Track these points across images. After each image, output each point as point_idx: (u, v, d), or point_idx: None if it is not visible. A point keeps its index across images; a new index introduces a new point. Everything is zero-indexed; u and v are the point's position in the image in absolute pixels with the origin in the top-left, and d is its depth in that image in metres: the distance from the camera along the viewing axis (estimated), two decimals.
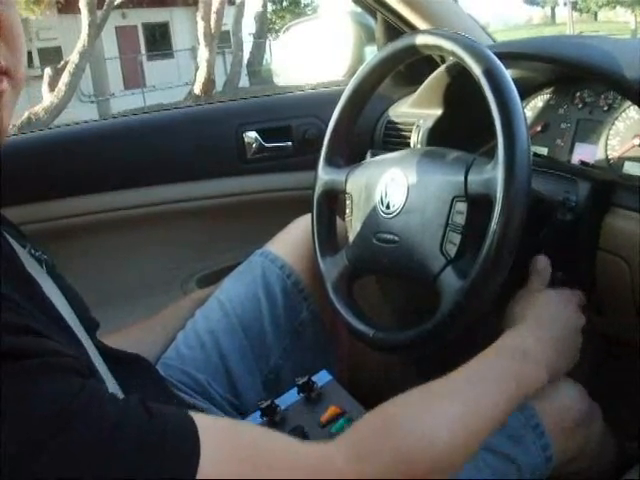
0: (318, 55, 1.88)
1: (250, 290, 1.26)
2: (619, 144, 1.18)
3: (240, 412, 1.16)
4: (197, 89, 13.48)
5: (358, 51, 1.78)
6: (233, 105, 1.82)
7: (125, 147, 1.62)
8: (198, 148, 1.64)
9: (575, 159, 1.25)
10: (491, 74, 0.99)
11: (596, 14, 36.56)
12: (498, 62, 1.00)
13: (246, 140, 1.64)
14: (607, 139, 1.20)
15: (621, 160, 1.17)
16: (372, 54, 1.26)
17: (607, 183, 1.10)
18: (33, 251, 0.89)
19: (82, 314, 0.90)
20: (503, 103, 0.96)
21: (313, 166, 1.27)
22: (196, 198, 1.63)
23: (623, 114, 1.18)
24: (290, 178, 1.66)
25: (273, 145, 1.66)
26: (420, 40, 1.12)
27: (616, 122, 1.19)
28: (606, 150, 1.20)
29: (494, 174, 0.95)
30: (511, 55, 1.25)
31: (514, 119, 0.95)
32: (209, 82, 13.32)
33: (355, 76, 1.24)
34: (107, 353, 0.88)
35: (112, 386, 0.81)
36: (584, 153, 1.24)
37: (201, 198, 1.63)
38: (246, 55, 20.09)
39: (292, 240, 1.32)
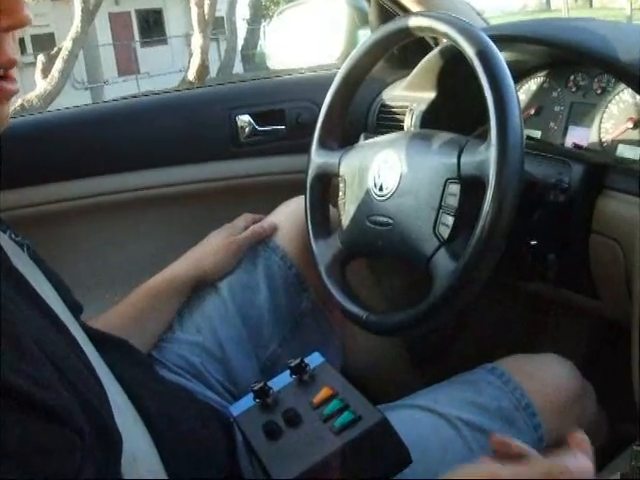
0: (311, 39, 1.88)
1: (252, 279, 1.26)
2: (613, 127, 1.18)
3: (235, 397, 1.16)
4: (191, 75, 13.41)
5: (351, 34, 1.77)
6: (226, 88, 1.81)
7: (118, 131, 1.62)
8: (191, 132, 1.63)
9: (568, 142, 1.25)
10: (484, 56, 0.98)
11: (591, 0, 36.47)
12: (491, 44, 1.00)
13: (239, 124, 1.64)
14: (600, 122, 1.20)
15: (614, 143, 1.17)
16: (365, 37, 1.26)
17: (600, 166, 1.10)
18: (14, 236, 0.89)
19: (65, 297, 0.89)
20: (496, 84, 0.96)
21: (306, 149, 1.27)
22: (189, 182, 1.63)
23: (617, 97, 1.18)
24: (283, 161, 1.66)
25: (266, 129, 1.66)
26: (413, 22, 1.11)
27: (610, 105, 1.19)
28: (599, 133, 1.20)
29: (487, 156, 0.95)
30: (505, 38, 1.24)
31: (507, 100, 0.95)
32: (203, 68, 13.25)
33: (348, 59, 1.23)
34: (93, 336, 0.87)
35: (100, 368, 0.80)
36: (577, 136, 1.24)
37: (194, 182, 1.63)
38: (240, 41, 20.02)
39: (290, 227, 1.32)
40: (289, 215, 1.34)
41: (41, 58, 12.90)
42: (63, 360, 0.67)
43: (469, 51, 1.00)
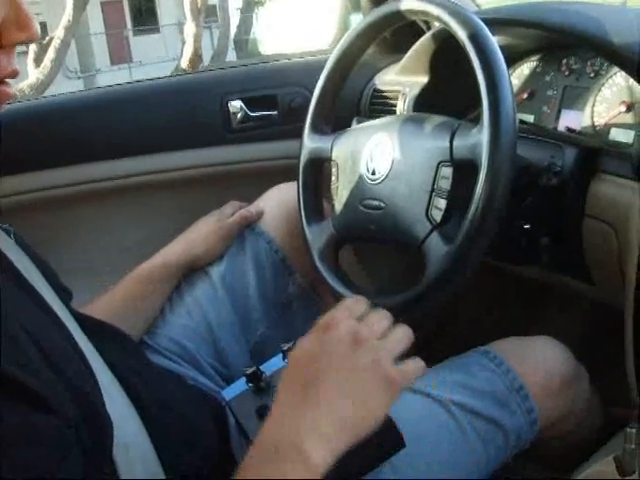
0: (303, 24, 1.87)
1: (238, 262, 1.27)
2: (605, 111, 1.17)
3: (226, 380, 1.16)
4: (184, 64, 13.34)
5: (343, 19, 1.77)
6: (218, 74, 1.80)
7: (110, 117, 1.61)
8: (183, 117, 1.62)
9: (561, 126, 1.25)
10: (476, 39, 0.98)
11: None
12: (484, 27, 1.00)
13: (231, 109, 1.63)
14: (593, 106, 1.19)
15: (607, 126, 1.16)
16: (357, 22, 1.25)
17: (593, 149, 1.10)
18: None
19: (54, 283, 0.89)
20: (488, 67, 0.96)
21: (299, 135, 1.27)
22: (181, 168, 1.62)
23: (610, 80, 1.18)
24: (276, 147, 1.65)
25: (258, 114, 1.65)
26: (405, 5, 1.11)
27: (602, 89, 1.19)
28: (592, 117, 1.19)
29: (479, 139, 0.94)
30: (497, 21, 1.23)
31: (499, 84, 0.95)
32: (196, 57, 13.18)
33: (340, 43, 1.23)
34: (84, 322, 0.87)
35: (91, 354, 0.80)
36: (570, 120, 1.23)
37: (186, 168, 1.62)
38: (233, 30, 19.93)
39: (276, 213, 1.33)
40: (276, 200, 1.34)
41: (33, 47, 12.77)
42: (52, 346, 0.66)
43: (461, 34, 1.00)
